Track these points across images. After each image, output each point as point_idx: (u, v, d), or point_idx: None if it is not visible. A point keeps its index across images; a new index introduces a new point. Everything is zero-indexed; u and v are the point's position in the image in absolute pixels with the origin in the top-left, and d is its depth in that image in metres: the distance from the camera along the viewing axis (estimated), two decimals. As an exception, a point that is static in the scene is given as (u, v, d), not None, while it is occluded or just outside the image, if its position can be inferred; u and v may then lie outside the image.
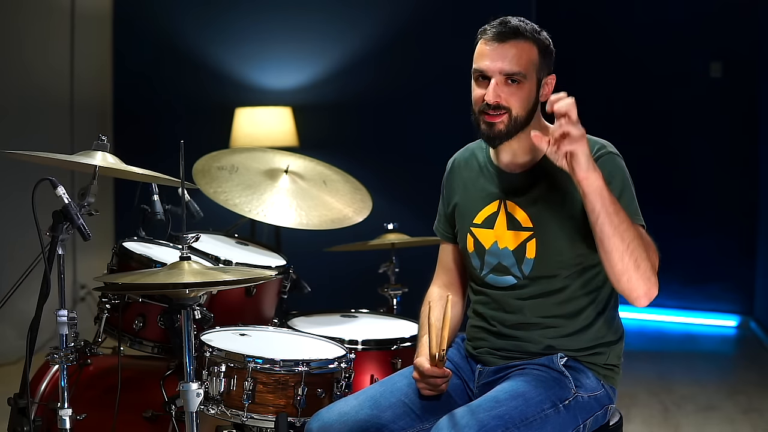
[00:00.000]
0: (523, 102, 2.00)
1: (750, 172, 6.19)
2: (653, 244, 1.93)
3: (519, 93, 1.99)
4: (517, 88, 1.99)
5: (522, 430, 1.87)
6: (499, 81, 1.99)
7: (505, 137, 2.03)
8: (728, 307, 6.31)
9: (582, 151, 1.81)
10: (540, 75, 2.03)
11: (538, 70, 2.02)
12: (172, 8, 5.51)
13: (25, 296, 2.17)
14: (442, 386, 2.04)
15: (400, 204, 4.80)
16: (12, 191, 4.36)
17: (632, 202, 1.99)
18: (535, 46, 2.01)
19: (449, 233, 2.26)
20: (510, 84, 1.99)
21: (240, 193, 2.90)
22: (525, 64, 1.99)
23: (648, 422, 4.01)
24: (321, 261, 3.90)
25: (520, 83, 1.99)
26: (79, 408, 2.15)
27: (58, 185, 2.03)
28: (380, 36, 5.15)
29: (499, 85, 1.99)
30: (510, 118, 2.00)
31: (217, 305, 2.53)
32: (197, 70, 5.40)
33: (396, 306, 3.08)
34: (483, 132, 2.04)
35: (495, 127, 2.01)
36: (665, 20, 6.37)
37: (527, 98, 2.01)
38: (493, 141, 2.04)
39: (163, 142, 4.73)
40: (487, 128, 2.02)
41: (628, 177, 2.02)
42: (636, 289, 1.86)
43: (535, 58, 2.01)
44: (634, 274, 1.85)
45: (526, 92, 2.00)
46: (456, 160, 2.26)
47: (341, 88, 5.22)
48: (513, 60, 1.98)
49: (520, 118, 2.01)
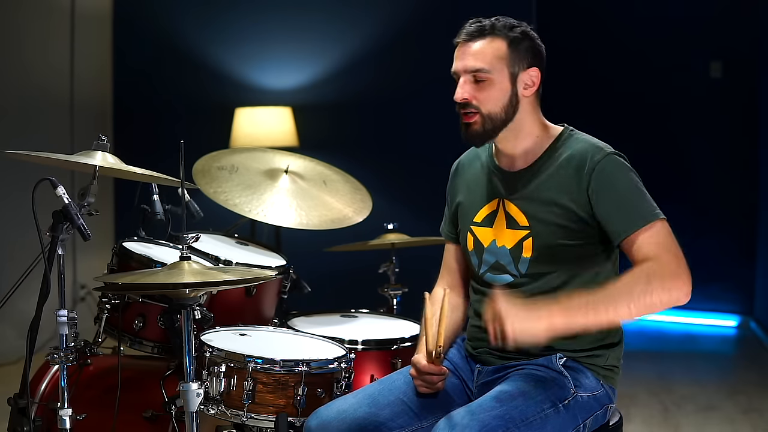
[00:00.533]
0: (494, 99, 2.01)
1: (750, 172, 6.19)
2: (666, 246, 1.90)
3: (487, 90, 2.00)
4: (485, 85, 2.00)
5: (523, 430, 1.87)
6: (466, 80, 2.01)
7: (485, 137, 2.04)
8: (728, 307, 6.31)
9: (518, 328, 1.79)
10: (513, 69, 2.02)
11: (509, 64, 2.01)
12: (172, 8, 5.51)
13: (25, 296, 2.17)
14: (438, 384, 2.04)
15: (400, 204, 4.80)
16: (12, 191, 4.35)
17: (642, 200, 1.97)
18: (503, 40, 2.01)
19: (453, 233, 2.26)
20: (477, 82, 2.01)
21: (240, 193, 2.90)
22: (489, 59, 2.00)
23: (648, 422, 4.01)
24: (321, 261, 3.90)
25: (486, 80, 2.00)
26: (79, 408, 2.15)
27: (58, 185, 2.03)
28: (380, 36, 5.15)
29: (466, 84, 2.01)
30: (483, 118, 2.01)
31: (217, 305, 2.53)
32: (197, 70, 5.40)
33: (396, 306, 3.08)
34: (463, 135, 2.06)
35: (470, 128, 2.03)
36: (665, 19, 6.37)
37: (498, 95, 2.01)
38: (473, 141, 2.06)
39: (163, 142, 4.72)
40: (464, 129, 2.04)
41: (634, 175, 2.00)
42: (672, 304, 1.87)
43: (502, 53, 2.00)
44: (657, 307, 1.85)
45: (496, 89, 2.01)
46: (461, 161, 2.27)
47: (341, 88, 5.22)
48: (476, 56, 2.00)
49: (495, 115, 2.01)
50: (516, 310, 1.82)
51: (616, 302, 1.84)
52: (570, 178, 2.01)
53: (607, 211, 1.97)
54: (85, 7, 5.36)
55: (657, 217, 1.95)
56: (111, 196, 5.50)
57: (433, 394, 2.07)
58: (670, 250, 1.91)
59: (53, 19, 5.21)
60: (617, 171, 1.99)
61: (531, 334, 1.82)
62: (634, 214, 1.95)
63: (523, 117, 2.05)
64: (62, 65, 5.23)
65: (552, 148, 2.07)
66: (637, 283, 1.85)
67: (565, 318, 1.83)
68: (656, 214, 1.96)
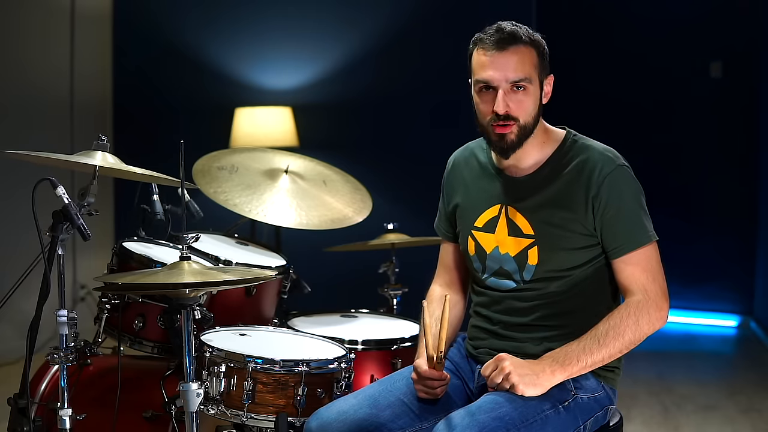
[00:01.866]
0: (530, 109, 2.00)
1: (750, 172, 6.19)
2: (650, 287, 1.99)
3: (526, 100, 1.99)
4: (524, 94, 1.99)
5: (522, 431, 1.87)
6: (506, 90, 1.98)
7: (518, 146, 2.02)
8: (728, 307, 6.31)
9: (519, 381, 1.91)
10: (541, 77, 2.03)
11: (539, 72, 2.02)
12: (172, 8, 5.51)
13: (25, 296, 2.17)
14: (437, 390, 2.04)
15: (400, 204, 4.80)
16: (12, 191, 4.36)
17: (641, 220, 2.00)
18: (533, 49, 2.01)
19: (450, 233, 2.26)
20: (516, 91, 1.98)
21: (240, 193, 2.90)
22: (528, 69, 1.98)
23: (648, 422, 4.01)
24: (321, 261, 3.90)
25: (526, 89, 1.99)
26: (79, 408, 2.15)
27: (58, 185, 2.03)
28: (380, 36, 5.15)
29: (507, 94, 1.98)
30: (519, 128, 2.00)
31: (217, 305, 2.53)
32: (197, 70, 5.40)
33: (396, 306, 3.08)
34: (495, 144, 2.03)
35: (507, 138, 2.00)
36: (665, 19, 6.37)
37: (533, 104, 2.01)
38: (507, 152, 2.03)
39: (163, 142, 4.73)
40: (499, 140, 2.01)
41: (639, 190, 2.03)
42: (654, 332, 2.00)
43: (536, 62, 2.01)
44: (642, 339, 1.99)
45: (532, 98, 2.00)
46: (456, 158, 2.26)
47: (341, 88, 5.22)
48: (517, 67, 1.97)
49: (529, 125, 2.01)
50: (521, 371, 1.92)
51: (608, 345, 1.95)
52: (578, 188, 2.01)
53: (608, 224, 1.99)
54: (85, 7, 5.36)
55: (651, 239, 2.00)
56: (111, 196, 5.50)
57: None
58: (656, 279, 1.99)
59: (53, 19, 5.21)
60: (625, 186, 2.00)
61: (534, 392, 1.93)
62: (632, 234, 1.99)
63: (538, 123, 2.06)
64: (62, 65, 5.23)
65: (558, 154, 2.06)
66: (627, 324, 1.96)
67: (564, 372, 1.94)
68: (651, 236, 2.00)
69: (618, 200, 1.99)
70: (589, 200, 1.99)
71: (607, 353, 1.95)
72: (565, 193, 2.02)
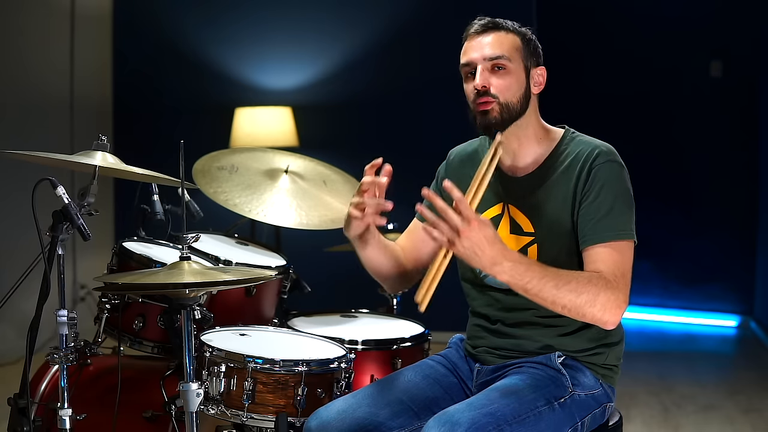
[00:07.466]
0: (512, 89, 2.02)
1: (750, 171, 6.19)
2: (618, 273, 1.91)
3: (505, 79, 2.01)
4: (503, 73, 2.01)
5: (515, 428, 1.86)
6: (485, 68, 2.01)
7: (500, 125, 2.02)
8: (728, 307, 6.32)
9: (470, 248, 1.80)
10: (527, 63, 2.04)
11: (523, 57, 2.04)
12: (172, 8, 5.51)
13: (25, 296, 2.17)
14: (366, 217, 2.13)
15: (400, 204, 4.79)
16: (12, 191, 4.36)
17: (621, 215, 1.97)
18: (516, 36, 2.04)
19: None
20: (496, 71, 2.01)
21: (240, 193, 2.90)
22: (507, 49, 2.02)
23: (648, 422, 4.01)
24: (321, 261, 3.90)
25: (505, 69, 2.01)
26: (79, 408, 2.15)
27: (58, 185, 2.03)
28: (380, 36, 5.15)
29: (485, 72, 2.01)
30: (500, 106, 2.01)
31: (217, 305, 2.53)
32: (197, 70, 5.40)
33: (396, 306, 3.08)
34: (479, 123, 2.05)
35: (488, 115, 2.02)
36: (665, 19, 6.38)
37: (515, 85, 2.02)
38: (489, 129, 2.03)
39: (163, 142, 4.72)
40: (481, 117, 2.03)
41: (625, 188, 2.01)
42: (594, 322, 1.90)
43: (517, 45, 2.03)
44: (583, 317, 1.88)
45: (513, 78, 2.02)
46: (457, 153, 2.26)
47: (341, 88, 5.22)
48: (494, 45, 2.02)
49: (512, 105, 2.02)
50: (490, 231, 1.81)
51: (562, 294, 1.85)
52: (569, 181, 2.02)
53: (587, 212, 1.98)
54: (85, 7, 5.37)
55: (628, 237, 1.97)
56: (111, 196, 5.50)
57: (433, 394, 2.07)
58: (625, 276, 1.93)
59: (53, 19, 5.21)
60: (613, 178, 2.00)
61: (477, 251, 1.81)
62: (609, 226, 1.96)
63: (530, 115, 2.06)
64: (62, 65, 5.24)
65: (555, 152, 2.07)
66: (588, 290, 1.86)
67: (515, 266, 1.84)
68: (629, 233, 1.97)
69: (600, 189, 1.97)
70: (577, 192, 2.00)
71: (554, 298, 1.86)
72: (561, 190, 2.03)
